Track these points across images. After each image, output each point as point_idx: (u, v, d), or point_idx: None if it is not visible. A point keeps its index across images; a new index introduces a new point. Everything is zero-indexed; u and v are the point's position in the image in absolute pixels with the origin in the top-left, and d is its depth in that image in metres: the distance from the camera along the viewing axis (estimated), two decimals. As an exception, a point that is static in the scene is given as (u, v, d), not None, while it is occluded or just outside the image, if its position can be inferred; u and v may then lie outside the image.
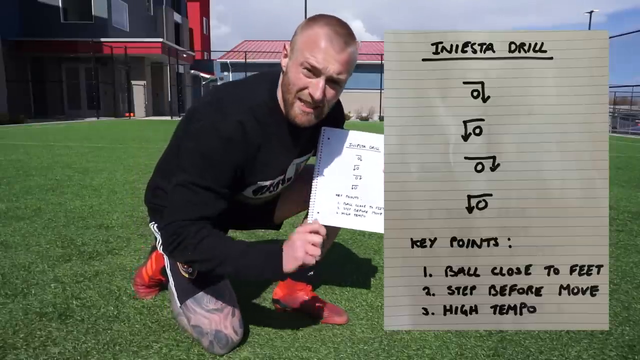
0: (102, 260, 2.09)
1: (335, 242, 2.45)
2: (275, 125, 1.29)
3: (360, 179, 1.40)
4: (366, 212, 1.39)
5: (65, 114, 19.26)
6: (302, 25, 1.22)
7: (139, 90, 20.91)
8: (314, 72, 1.18)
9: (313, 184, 1.41)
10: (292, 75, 1.21)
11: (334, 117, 1.43)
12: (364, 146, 1.42)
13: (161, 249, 1.47)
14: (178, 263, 1.42)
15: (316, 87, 1.19)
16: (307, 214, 1.51)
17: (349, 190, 1.40)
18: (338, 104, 1.45)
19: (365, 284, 1.89)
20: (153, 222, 1.54)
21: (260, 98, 1.27)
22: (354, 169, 1.41)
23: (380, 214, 1.39)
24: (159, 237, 1.49)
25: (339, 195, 1.40)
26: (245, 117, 1.23)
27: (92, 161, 5.49)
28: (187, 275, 1.40)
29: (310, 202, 1.40)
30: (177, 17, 29.23)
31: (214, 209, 1.23)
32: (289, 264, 1.19)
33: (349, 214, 1.40)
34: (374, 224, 1.39)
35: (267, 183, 1.38)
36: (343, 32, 1.19)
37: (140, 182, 4.08)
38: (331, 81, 1.21)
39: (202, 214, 1.21)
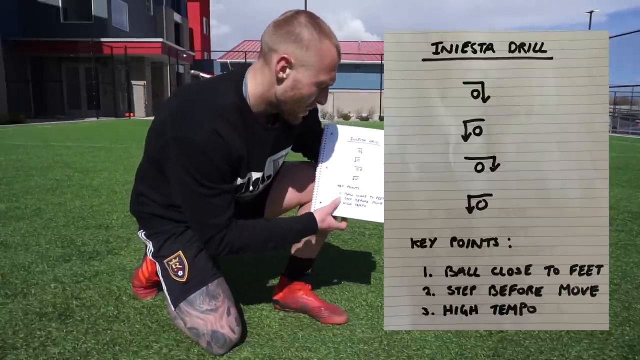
0: (102, 260, 2.09)
1: (335, 242, 2.46)
2: (247, 126, 1.30)
3: (360, 170, 1.47)
4: (367, 202, 1.46)
5: (65, 113, 19.24)
6: (312, 38, 1.20)
7: (139, 90, 20.91)
8: (326, 87, 1.27)
9: (316, 175, 1.48)
10: (306, 92, 1.25)
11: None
12: (364, 140, 1.50)
13: (151, 255, 1.48)
14: (168, 268, 1.41)
15: (326, 98, 1.29)
16: (300, 208, 1.60)
17: (350, 181, 1.46)
18: None
19: (365, 284, 1.89)
20: (142, 231, 1.53)
21: (228, 100, 1.26)
22: (355, 161, 1.48)
23: (381, 203, 1.45)
24: (149, 245, 1.49)
25: (340, 185, 1.46)
26: (219, 124, 1.22)
27: (92, 161, 5.49)
28: (178, 279, 1.39)
29: (314, 193, 1.47)
30: (177, 17, 29.23)
31: (232, 204, 1.30)
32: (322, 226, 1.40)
33: (350, 204, 1.45)
34: (375, 213, 1.46)
35: (244, 180, 1.40)
36: (338, 41, 1.24)
37: (140, 182, 4.07)
38: None
39: (226, 216, 1.28)
